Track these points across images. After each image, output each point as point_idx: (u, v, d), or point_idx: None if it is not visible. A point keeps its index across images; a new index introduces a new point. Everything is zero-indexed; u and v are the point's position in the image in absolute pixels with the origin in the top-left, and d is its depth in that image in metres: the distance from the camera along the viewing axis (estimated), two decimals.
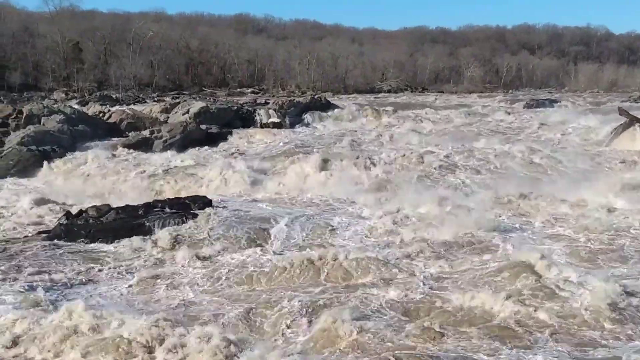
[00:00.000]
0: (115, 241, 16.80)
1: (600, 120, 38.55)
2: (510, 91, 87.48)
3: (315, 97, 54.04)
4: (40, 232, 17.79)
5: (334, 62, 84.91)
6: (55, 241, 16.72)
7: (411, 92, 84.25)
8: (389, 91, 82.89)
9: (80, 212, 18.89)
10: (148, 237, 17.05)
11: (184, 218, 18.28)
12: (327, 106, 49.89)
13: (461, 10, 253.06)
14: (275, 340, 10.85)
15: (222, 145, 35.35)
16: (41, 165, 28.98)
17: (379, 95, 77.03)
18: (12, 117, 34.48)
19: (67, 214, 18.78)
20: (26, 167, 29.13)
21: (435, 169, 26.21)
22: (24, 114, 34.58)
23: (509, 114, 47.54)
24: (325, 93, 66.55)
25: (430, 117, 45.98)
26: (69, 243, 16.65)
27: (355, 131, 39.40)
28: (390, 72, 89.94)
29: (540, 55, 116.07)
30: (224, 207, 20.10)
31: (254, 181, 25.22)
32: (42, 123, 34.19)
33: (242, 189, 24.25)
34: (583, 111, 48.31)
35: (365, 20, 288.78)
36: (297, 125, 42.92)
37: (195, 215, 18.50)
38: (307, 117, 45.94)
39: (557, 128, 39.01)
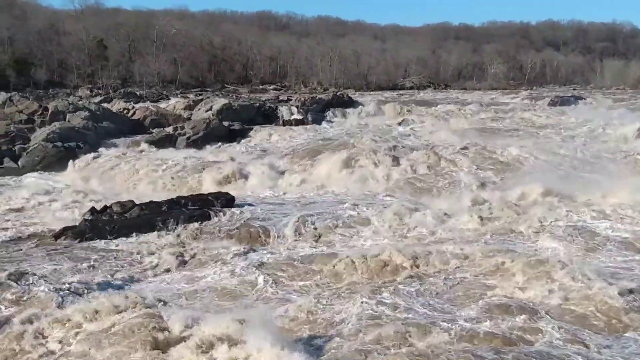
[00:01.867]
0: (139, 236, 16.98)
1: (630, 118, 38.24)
2: (534, 88, 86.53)
3: (338, 93, 53.99)
4: (65, 228, 17.96)
5: (356, 59, 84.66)
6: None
7: (434, 88, 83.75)
8: (411, 88, 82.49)
9: (105, 208, 19.10)
10: (171, 233, 17.20)
11: (207, 214, 18.40)
12: (349, 103, 49.84)
13: (485, 6, 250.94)
14: None
15: (244, 142, 35.47)
16: (66, 162, 29.27)
17: (402, 92, 76.72)
18: (38, 113, 34.85)
19: (92, 210, 19.00)
20: (52, 163, 29.49)
21: (456, 166, 26.06)
22: (50, 111, 34.95)
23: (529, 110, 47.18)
24: (347, 90, 66.39)
25: (454, 113, 45.63)
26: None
27: (378, 127, 39.30)
28: (412, 69, 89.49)
29: (565, 51, 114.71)
30: (246, 203, 20.20)
31: (276, 178, 25.28)
32: (67, 120, 34.56)
33: (264, 186, 24.32)
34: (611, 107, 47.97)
35: (387, 16, 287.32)
36: (319, 122, 42.88)
37: (218, 212, 18.61)
38: (330, 113, 45.94)
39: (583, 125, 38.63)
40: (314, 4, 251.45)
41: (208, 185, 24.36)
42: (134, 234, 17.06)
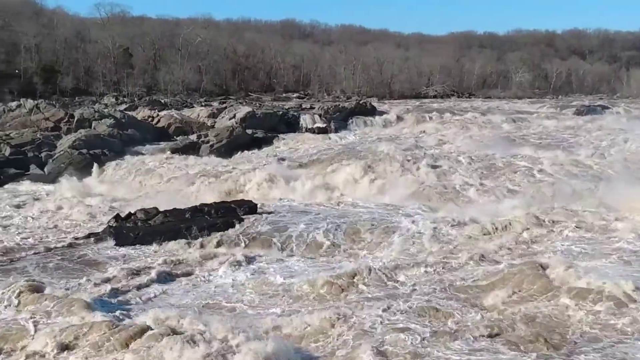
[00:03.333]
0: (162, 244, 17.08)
1: None
2: (559, 97, 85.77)
3: (361, 102, 53.95)
4: (90, 234, 18.17)
5: (380, 67, 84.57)
6: None
7: (458, 97, 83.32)
8: (434, 96, 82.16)
9: (129, 214, 19.27)
10: (194, 240, 17.28)
11: (230, 222, 18.47)
12: (372, 111, 49.80)
13: (510, 15, 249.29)
14: None
15: (268, 150, 35.58)
16: (92, 168, 29.58)
17: (425, 100, 76.43)
18: (64, 121, 35.29)
19: (117, 217, 19.18)
20: (77, 169, 29.76)
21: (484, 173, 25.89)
22: (76, 118, 35.38)
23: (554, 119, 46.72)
24: (370, 98, 66.23)
25: (478, 122, 45.33)
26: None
27: (400, 136, 39.19)
28: (436, 78, 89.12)
29: (591, 60, 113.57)
30: (269, 212, 20.25)
31: (299, 186, 25.27)
32: (92, 127, 34.94)
33: (287, 194, 24.33)
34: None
35: (411, 25, 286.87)
36: (342, 130, 42.91)
37: (240, 220, 18.68)
38: (352, 122, 45.94)
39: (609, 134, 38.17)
40: (338, 13, 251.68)
41: (230, 193, 24.46)
42: (158, 241, 17.15)
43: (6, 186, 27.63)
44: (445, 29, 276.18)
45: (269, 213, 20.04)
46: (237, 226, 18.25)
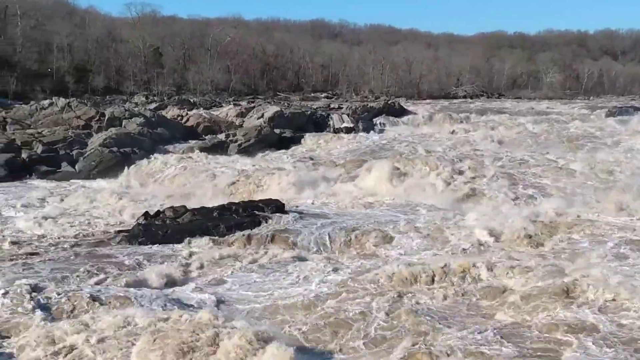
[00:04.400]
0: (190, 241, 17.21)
1: None
2: (591, 98, 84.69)
3: (389, 102, 53.86)
4: (119, 232, 18.38)
5: (408, 67, 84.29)
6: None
7: (487, 97, 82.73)
8: (464, 97, 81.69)
9: (158, 212, 19.45)
10: (221, 238, 17.39)
11: (257, 221, 18.55)
12: (400, 111, 49.73)
13: (540, 14, 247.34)
14: None
15: (295, 150, 35.70)
16: (122, 167, 29.93)
17: (454, 100, 76.05)
18: (95, 119, 35.73)
19: (146, 215, 19.36)
20: (107, 168, 30.18)
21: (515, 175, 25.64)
22: (106, 117, 35.81)
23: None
24: (398, 98, 66.13)
25: (507, 123, 44.93)
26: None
27: (429, 137, 39.04)
28: (465, 78, 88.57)
29: (624, 61, 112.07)
30: (296, 211, 20.30)
31: (325, 186, 25.31)
32: (123, 126, 35.35)
33: (315, 194, 24.37)
34: None
35: (441, 25, 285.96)
36: (370, 130, 42.88)
37: (268, 219, 18.75)
38: (380, 122, 45.89)
39: None
40: (367, 13, 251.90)
41: (258, 191, 24.57)
42: (185, 239, 17.28)
43: (37, 182, 28.13)
44: (475, 29, 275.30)
45: (296, 212, 20.09)
46: (265, 225, 18.32)
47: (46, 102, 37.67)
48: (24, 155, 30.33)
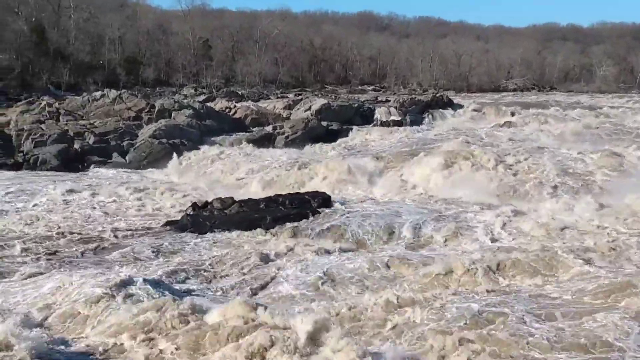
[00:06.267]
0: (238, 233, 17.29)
1: None
2: None
3: (437, 95, 53.30)
4: (168, 222, 18.59)
5: (458, 60, 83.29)
6: None
7: (538, 91, 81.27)
8: (514, 90, 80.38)
9: (206, 203, 19.63)
10: (269, 230, 17.45)
11: (304, 213, 18.54)
12: (448, 105, 49.15)
13: (594, 6, 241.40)
14: None
15: (342, 142, 35.54)
16: (171, 158, 30.25)
17: (504, 94, 74.87)
18: (145, 111, 36.22)
19: (194, 205, 19.56)
20: (157, 159, 30.56)
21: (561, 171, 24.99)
22: (156, 109, 36.27)
23: None
24: (447, 91, 65.41)
25: (559, 116, 43.87)
26: None
27: (478, 130, 38.41)
28: (516, 71, 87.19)
29: None
30: (342, 204, 20.23)
31: (372, 179, 25.15)
32: (172, 117, 35.76)
33: (361, 187, 24.25)
34: None
35: (491, 17, 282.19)
36: (417, 124, 42.45)
37: (314, 211, 18.72)
38: (428, 115, 45.40)
39: None
40: (416, 5, 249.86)
41: (306, 184, 24.56)
42: (233, 230, 17.38)
43: (90, 173, 28.71)
44: (526, 21, 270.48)
45: (343, 205, 20.02)
46: (311, 218, 18.30)
47: (98, 94, 38.34)
48: (76, 145, 30.96)
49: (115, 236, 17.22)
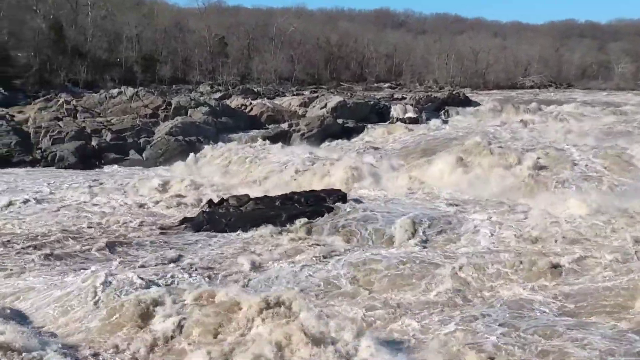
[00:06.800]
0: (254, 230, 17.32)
1: None
2: None
3: (454, 92, 53.09)
4: (185, 219, 18.65)
5: (474, 57, 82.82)
6: None
7: (555, 88, 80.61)
8: (531, 87, 79.82)
9: (222, 201, 19.70)
10: (284, 227, 17.44)
11: (319, 211, 18.53)
12: (465, 102, 48.93)
13: (612, 3, 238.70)
14: None
15: (357, 140, 35.50)
16: (187, 155, 30.39)
17: (521, 91, 74.39)
18: (162, 108, 36.37)
19: (210, 203, 19.64)
20: (173, 156, 30.73)
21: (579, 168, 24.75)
22: (173, 106, 36.41)
23: None
24: (464, 89, 65.14)
25: (577, 113, 43.45)
26: None
27: (495, 127, 38.19)
28: (533, 68, 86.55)
29: None
30: (358, 202, 20.21)
31: (388, 177, 25.09)
32: (188, 114, 35.90)
33: (377, 184, 24.20)
34: None
35: (509, 13, 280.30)
36: (433, 121, 42.24)
37: (330, 209, 18.70)
38: (445, 112, 45.19)
39: None
40: (433, 1, 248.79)
41: (322, 181, 24.55)
42: (249, 228, 17.40)
43: (106, 170, 28.93)
44: (544, 18, 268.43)
45: (358, 203, 19.99)
46: (327, 215, 18.27)
47: (115, 91, 38.54)
48: (93, 142, 31.21)
49: (133, 233, 17.35)
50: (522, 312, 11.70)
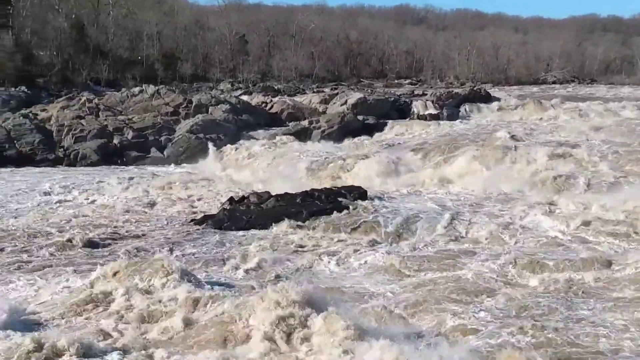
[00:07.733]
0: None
1: None
2: None
3: (475, 88, 52.73)
4: (205, 217, 18.69)
5: (495, 52, 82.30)
6: None
7: (578, 83, 79.87)
8: (553, 82, 79.15)
9: (243, 198, 19.71)
10: (304, 224, 17.43)
11: (340, 207, 18.49)
12: (486, 98, 48.52)
13: None
14: None
15: (378, 136, 35.38)
16: (208, 152, 30.50)
17: (543, 86, 73.76)
18: (183, 106, 36.48)
19: (231, 200, 19.67)
20: (194, 153, 30.87)
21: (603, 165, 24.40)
22: (194, 104, 36.52)
23: None
24: (484, 84, 64.76)
25: (600, 109, 42.88)
26: None
27: (517, 123, 37.88)
28: (555, 63, 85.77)
29: None
30: (379, 198, 20.13)
31: (409, 173, 24.95)
32: (209, 112, 35.98)
33: (396, 181, 24.07)
34: None
35: (530, 8, 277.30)
36: (454, 118, 42.00)
37: (350, 206, 18.65)
38: (465, 109, 44.88)
39: None
40: None
41: (343, 178, 24.49)
42: (270, 224, 17.41)
43: (129, 167, 29.12)
44: (566, 12, 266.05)
45: (380, 199, 19.92)
46: (347, 212, 18.23)
47: (136, 89, 38.74)
48: (115, 140, 31.42)
49: (153, 229, 17.44)
50: None
